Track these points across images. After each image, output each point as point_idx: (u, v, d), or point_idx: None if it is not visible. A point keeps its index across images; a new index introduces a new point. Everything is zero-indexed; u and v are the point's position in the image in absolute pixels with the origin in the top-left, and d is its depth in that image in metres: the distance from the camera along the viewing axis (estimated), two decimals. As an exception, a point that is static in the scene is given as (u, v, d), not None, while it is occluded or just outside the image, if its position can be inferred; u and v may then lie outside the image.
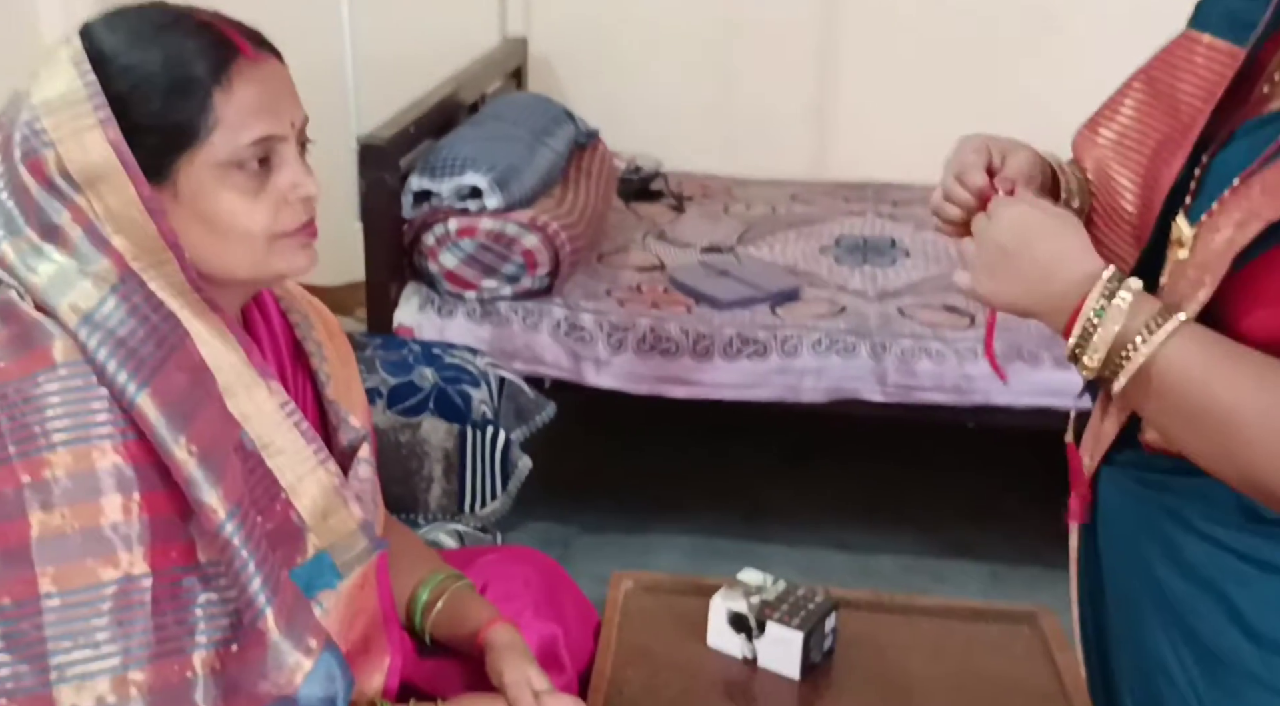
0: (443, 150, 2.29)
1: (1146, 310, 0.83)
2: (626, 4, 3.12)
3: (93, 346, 0.89)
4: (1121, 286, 0.84)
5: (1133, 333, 0.83)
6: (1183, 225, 0.88)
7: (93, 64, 0.92)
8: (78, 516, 0.87)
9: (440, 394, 1.67)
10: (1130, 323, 0.83)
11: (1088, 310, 0.84)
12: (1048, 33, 2.95)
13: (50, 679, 0.85)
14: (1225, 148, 0.89)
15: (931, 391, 2.17)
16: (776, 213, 2.88)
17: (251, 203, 0.96)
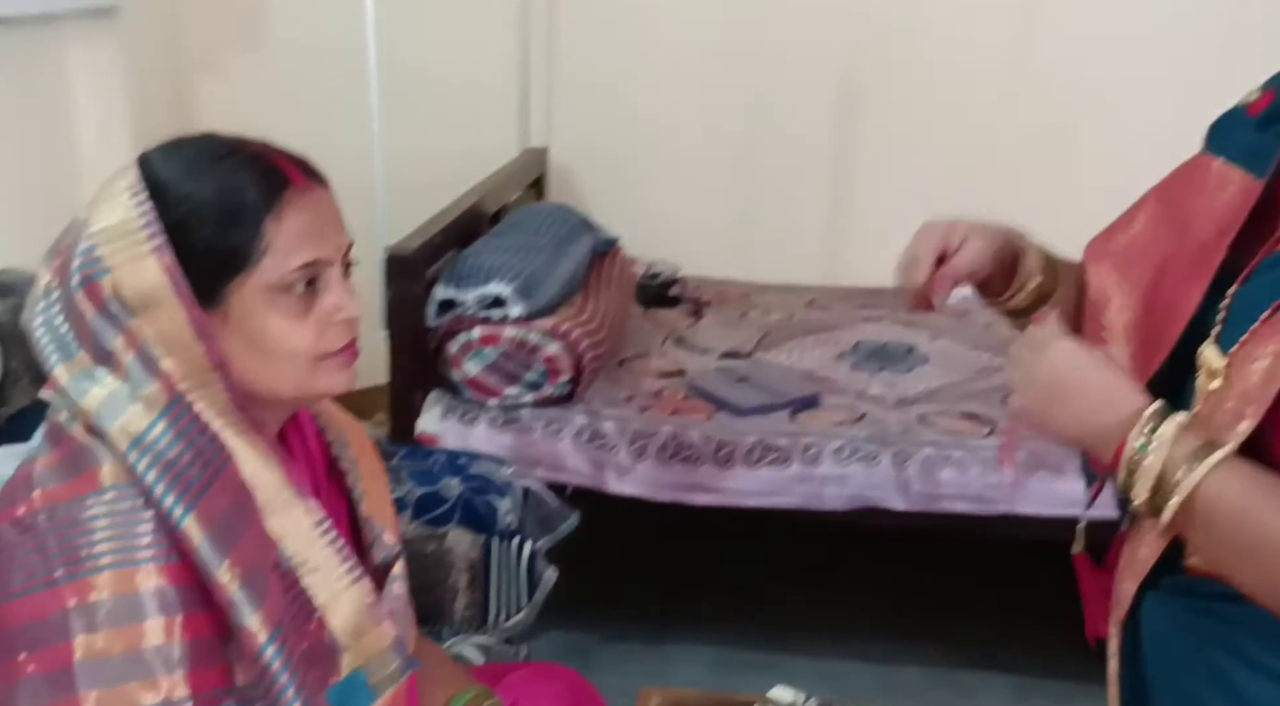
0: (468, 260, 2.34)
1: (1189, 444, 0.85)
2: (643, 115, 3.20)
3: (141, 469, 0.91)
4: (1165, 421, 0.86)
5: (1176, 466, 0.84)
6: (1214, 356, 0.90)
7: (150, 192, 0.96)
8: (121, 639, 0.88)
9: (466, 504, 1.68)
10: (1173, 456, 0.84)
11: (1132, 444, 0.86)
12: (1060, 148, 3.02)
13: (90, 806, 0.85)
14: (1250, 280, 0.90)
15: (955, 500, 2.16)
16: (794, 318, 2.91)
17: (298, 324, 0.99)
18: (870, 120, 3.15)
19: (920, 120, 3.11)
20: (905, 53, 3.07)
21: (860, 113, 3.15)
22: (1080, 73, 2.97)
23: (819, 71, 3.12)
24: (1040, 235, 1.34)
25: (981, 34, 3.03)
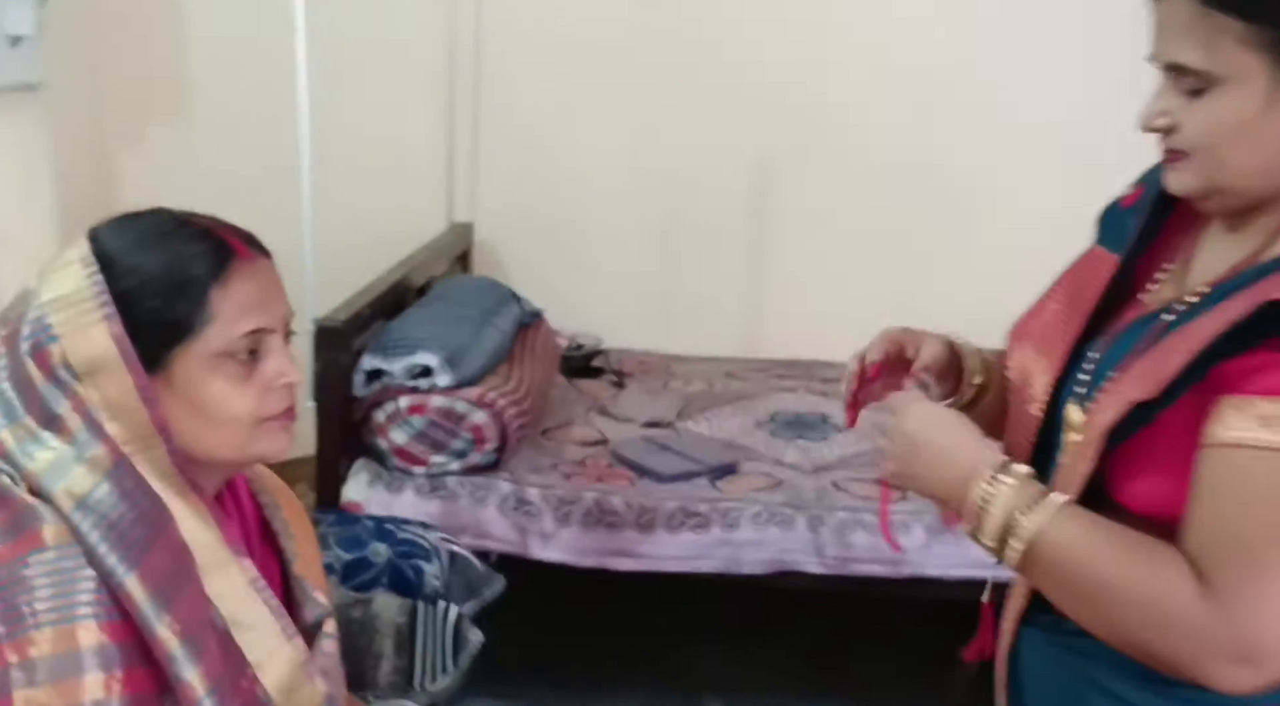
0: (395, 331, 2.39)
1: (1029, 493, 0.94)
2: (566, 194, 3.30)
3: (85, 529, 0.94)
4: (1008, 473, 0.95)
5: (1018, 514, 0.93)
6: (1074, 412, 1.00)
7: (100, 265, 1.00)
8: (61, 694, 0.90)
9: (394, 569, 1.71)
10: (1015, 504, 0.93)
11: (976, 495, 0.95)
12: (958, 234, 3.19)
13: None
14: (1111, 345, 1.02)
15: (868, 563, 2.25)
16: (713, 388, 3.01)
17: (240, 389, 1.03)
18: (783, 200, 3.30)
19: (831, 201, 3.27)
20: (816, 137, 3.23)
21: (774, 193, 3.30)
22: (976, 159, 3.16)
23: (735, 153, 3.27)
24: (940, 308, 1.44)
25: (887, 121, 3.21)
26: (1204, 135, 0.92)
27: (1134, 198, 1.08)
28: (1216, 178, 0.94)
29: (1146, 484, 0.93)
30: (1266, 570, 0.86)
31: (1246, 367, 0.87)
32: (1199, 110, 0.92)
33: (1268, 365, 0.86)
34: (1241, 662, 0.87)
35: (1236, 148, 0.91)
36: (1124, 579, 0.90)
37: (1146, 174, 1.09)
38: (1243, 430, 0.86)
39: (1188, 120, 0.93)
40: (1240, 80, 0.89)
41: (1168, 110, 0.94)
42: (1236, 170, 0.92)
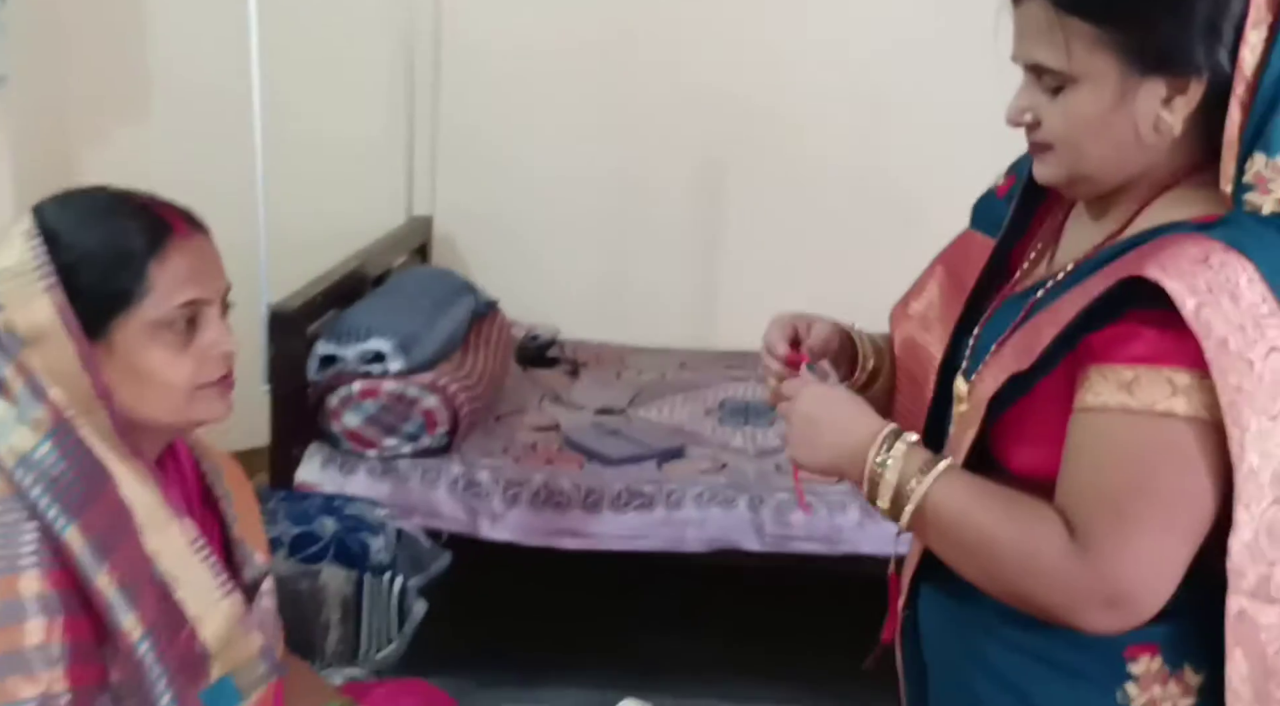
0: (349, 318, 2.45)
1: (918, 458, 1.02)
2: (523, 188, 3.36)
3: (28, 484, 1.00)
4: (898, 440, 1.02)
5: (908, 478, 1.01)
6: (960, 384, 1.08)
7: (44, 238, 1.07)
8: (3, 638, 0.96)
9: (340, 542, 1.77)
10: (906, 469, 1.01)
11: (870, 462, 1.02)
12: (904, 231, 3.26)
13: (-30, 790, 0.93)
14: (990, 321, 1.10)
15: (804, 541, 2.33)
16: (665, 378, 3.08)
17: (177, 357, 1.09)
18: (734, 195, 3.38)
19: (781, 196, 3.35)
20: (766, 135, 3.31)
21: (725, 188, 3.38)
22: (922, 158, 3.25)
23: (687, 151, 3.35)
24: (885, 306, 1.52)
25: (835, 121, 3.29)
26: (1065, 129, 1.00)
27: (1006, 187, 1.17)
28: (1078, 167, 1.01)
29: (1026, 448, 1.01)
30: (1128, 521, 0.93)
31: (1109, 338, 0.94)
32: (1059, 107, 1.00)
33: (1128, 335, 0.94)
34: (1108, 607, 0.95)
35: (1095, 140, 0.99)
36: (1003, 534, 0.97)
37: (1016, 164, 1.18)
38: (1107, 395, 0.94)
39: (1049, 116, 1.00)
40: (1094, 79, 0.97)
41: (1031, 106, 1.02)
42: (1096, 160, 1.00)
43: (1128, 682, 1.00)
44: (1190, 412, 0.92)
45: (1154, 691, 1.00)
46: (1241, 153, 0.96)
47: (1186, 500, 0.93)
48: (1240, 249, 0.93)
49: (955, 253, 1.22)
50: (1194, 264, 0.92)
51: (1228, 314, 0.90)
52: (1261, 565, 0.93)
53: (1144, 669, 0.99)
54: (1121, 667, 1.00)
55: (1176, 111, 0.97)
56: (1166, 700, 1.00)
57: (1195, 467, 0.92)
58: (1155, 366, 0.92)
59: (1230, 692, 0.96)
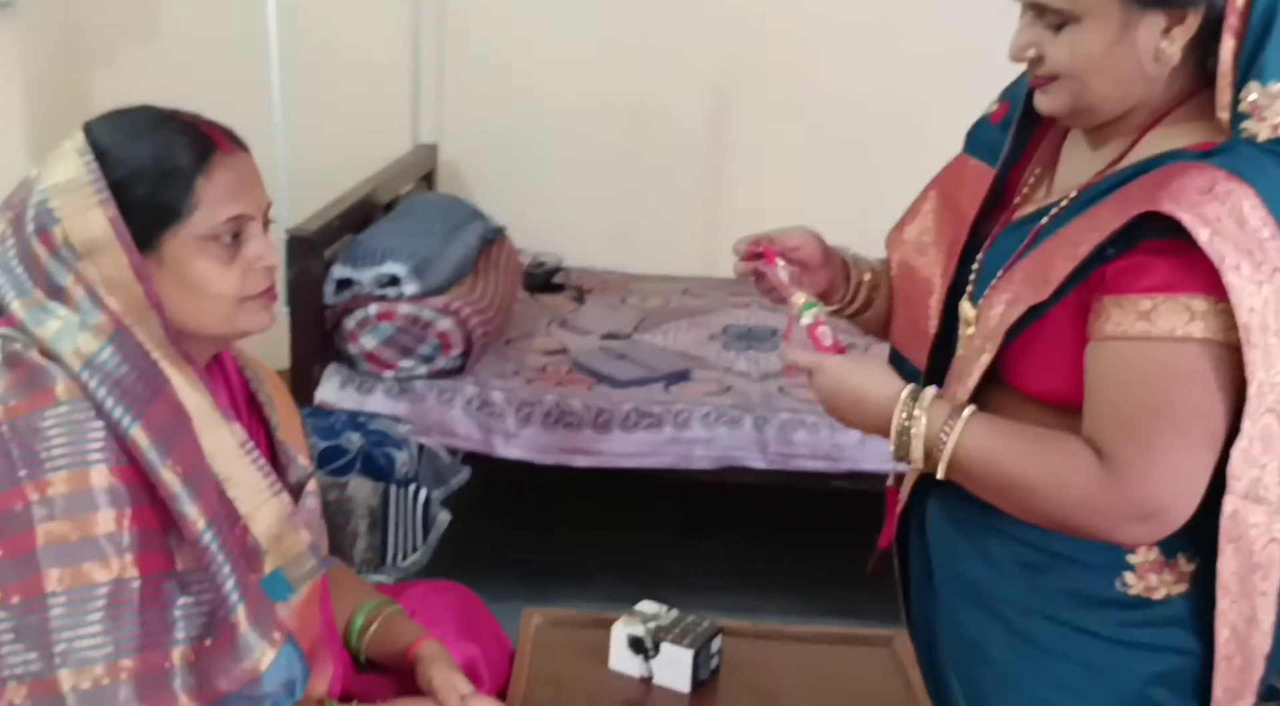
0: (364, 242, 2.50)
1: (942, 412, 1.07)
2: (529, 115, 3.39)
3: (93, 386, 1.06)
4: (919, 397, 1.08)
5: (936, 431, 1.07)
6: (967, 308, 1.15)
7: (95, 154, 1.12)
8: (77, 527, 1.03)
9: (367, 456, 1.85)
10: (931, 425, 1.07)
11: (897, 421, 1.08)
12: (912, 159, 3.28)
13: (55, 663, 1.00)
14: (993, 246, 1.16)
15: (807, 459, 2.41)
16: (670, 304, 3.14)
17: (224, 269, 1.15)
18: (742, 123, 3.40)
19: (788, 123, 3.37)
20: (774, 60, 3.34)
21: (732, 116, 3.40)
22: (934, 82, 3.27)
23: (694, 78, 3.37)
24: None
25: (843, 43, 3.31)
26: (1069, 64, 1.05)
27: (1001, 114, 1.22)
28: (1082, 98, 1.07)
29: (1037, 371, 1.08)
30: (1153, 442, 1.00)
31: (1124, 268, 1.00)
32: (1062, 42, 1.04)
33: (1143, 266, 0.99)
34: (1141, 520, 1.02)
35: (1098, 73, 1.04)
36: (1035, 471, 1.04)
37: (1008, 90, 1.23)
38: (1127, 324, 1.00)
39: (1053, 51, 1.05)
40: (1096, 15, 1.02)
41: (1034, 42, 1.07)
42: (1098, 92, 1.05)
43: (1126, 571, 1.08)
44: (1207, 335, 0.98)
45: (1150, 579, 1.08)
46: (1236, 81, 1.01)
47: (1205, 418, 1.00)
48: (1242, 176, 0.98)
49: (949, 177, 1.28)
50: (1200, 194, 0.97)
51: (1237, 240, 0.96)
52: (1254, 468, 1.00)
53: (1141, 558, 1.08)
54: (1121, 557, 1.08)
55: (1175, 41, 1.02)
56: (1161, 587, 1.08)
57: (1212, 387, 0.99)
58: (1172, 294, 0.98)
59: (1220, 586, 1.04)
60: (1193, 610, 1.07)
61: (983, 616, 1.16)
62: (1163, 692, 1.09)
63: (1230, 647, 1.06)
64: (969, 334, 1.14)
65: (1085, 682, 1.10)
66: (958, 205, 1.24)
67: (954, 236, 1.22)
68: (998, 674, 1.15)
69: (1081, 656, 1.10)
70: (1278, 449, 1.00)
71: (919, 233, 1.30)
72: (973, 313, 1.13)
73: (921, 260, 1.28)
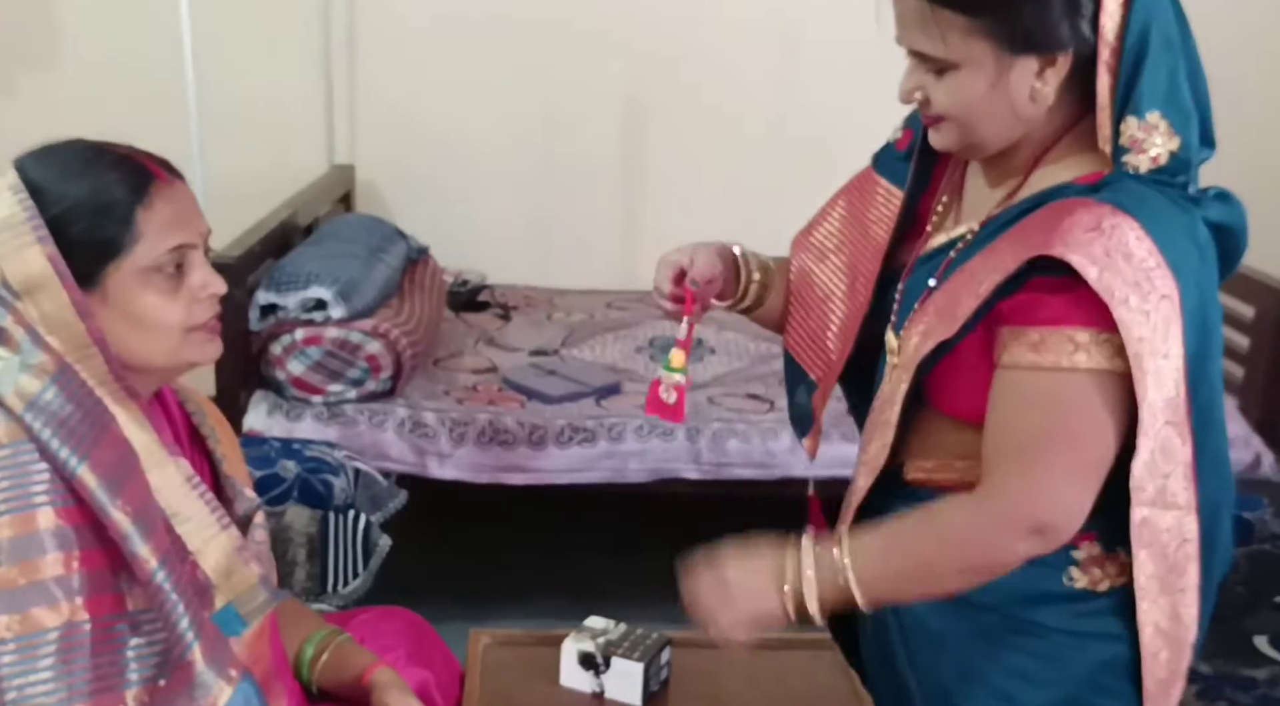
0: (288, 266, 2.47)
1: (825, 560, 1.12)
2: (443, 134, 3.37)
3: (37, 427, 1.04)
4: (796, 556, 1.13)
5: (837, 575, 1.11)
6: (891, 338, 1.21)
7: (30, 191, 1.09)
8: (25, 572, 1.01)
9: (303, 483, 1.83)
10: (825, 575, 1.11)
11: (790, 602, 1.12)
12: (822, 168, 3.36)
13: (6, 711, 0.98)
14: (910, 275, 1.22)
15: (740, 467, 2.45)
16: (594, 318, 3.16)
17: (169, 300, 1.14)
18: (655, 137, 3.45)
19: (700, 137, 3.43)
20: (684, 76, 3.39)
21: (645, 131, 3.44)
22: (839, 92, 3.36)
23: (606, 93, 3.40)
24: None
25: (750, 58, 3.38)
26: (952, 106, 1.11)
27: (905, 142, 1.28)
28: (968, 137, 1.13)
29: (957, 396, 1.15)
30: (1036, 461, 1.07)
31: (1018, 305, 1.07)
32: (944, 87, 1.10)
33: (1035, 302, 1.06)
34: (1030, 534, 1.08)
35: (980, 114, 1.10)
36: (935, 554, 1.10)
37: (910, 117, 1.29)
38: (1018, 355, 1.07)
39: (937, 94, 1.11)
40: (972, 63, 1.08)
41: (919, 86, 1.13)
42: (982, 130, 1.12)
43: (1071, 566, 1.15)
44: (1091, 365, 1.05)
45: (1094, 572, 1.15)
46: (1115, 115, 1.07)
47: (1090, 441, 1.06)
48: (1126, 210, 1.04)
49: (857, 189, 1.33)
50: (1089, 232, 1.03)
51: (1124, 274, 1.02)
52: (1158, 477, 1.07)
53: (1085, 554, 1.14)
54: (1066, 552, 1.14)
55: (1049, 82, 1.08)
56: (1105, 578, 1.15)
57: (1098, 412, 1.05)
58: (1059, 327, 1.05)
59: (1139, 589, 1.11)
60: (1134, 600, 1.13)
61: (942, 612, 1.20)
62: (1111, 678, 1.15)
63: (1156, 644, 1.13)
64: (895, 362, 1.19)
65: (1041, 671, 1.16)
66: (865, 222, 1.29)
67: (867, 264, 1.27)
68: (956, 664, 1.20)
69: (1036, 648, 1.16)
70: (1179, 456, 1.07)
71: (823, 237, 1.35)
72: (895, 343, 1.19)
73: (820, 268, 1.33)
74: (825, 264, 1.31)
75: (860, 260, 1.28)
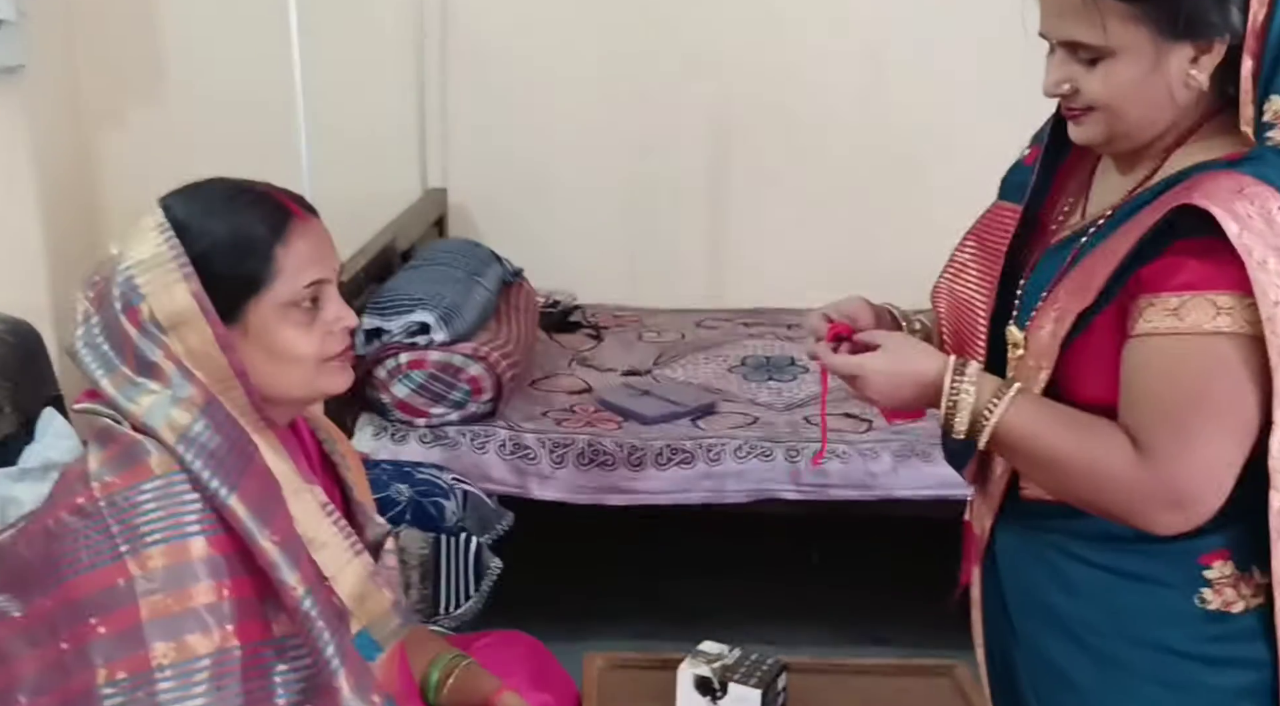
0: (390, 291, 2.52)
1: (991, 385, 1.12)
2: (533, 159, 3.42)
3: (189, 458, 1.08)
4: (964, 373, 1.13)
5: (984, 403, 1.11)
6: (1015, 331, 1.18)
7: (174, 230, 1.13)
8: (178, 600, 1.05)
9: (416, 506, 1.86)
10: (980, 396, 1.12)
11: (947, 392, 1.13)
12: (909, 187, 3.36)
13: (163, 738, 1.01)
14: (1034, 271, 1.20)
15: (840, 488, 2.43)
16: (685, 338, 3.17)
17: (305, 333, 1.17)
18: (741, 158, 3.45)
19: (786, 158, 3.43)
20: (769, 97, 3.39)
21: (731, 151, 3.45)
22: (925, 112, 3.33)
23: (692, 114, 3.41)
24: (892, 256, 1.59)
25: (837, 79, 3.37)
26: (1105, 96, 1.10)
27: (1033, 156, 1.26)
28: (1115, 127, 1.11)
29: (1093, 380, 1.11)
30: (1185, 430, 1.04)
31: (1158, 270, 1.05)
32: (1097, 76, 1.09)
33: (1174, 265, 1.04)
34: (1171, 508, 1.06)
35: (1133, 103, 1.09)
36: (1073, 450, 1.09)
37: (1038, 134, 1.27)
38: (1157, 321, 1.05)
39: (1087, 85, 1.10)
40: (1130, 49, 1.07)
41: (1068, 78, 1.11)
42: (1131, 120, 1.10)
43: (1203, 587, 1.11)
44: (1233, 329, 1.02)
45: (1227, 593, 1.11)
46: (1258, 96, 1.06)
47: (1236, 408, 1.04)
48: (1268, 181, 1.03)
49: (986, 225, 1.32)
50: (1231, 194, 1.02)
51: (1265, 237, 1.01)
52: None
53: (1218, 573, 1.11)
54: (1197, 573, 1.11)
55: (1203, 69, 1.07)
56: (1239, 600, 1.11)
57: (1241, 377, 1.03)
58: (1199, 292, 1.03)
59: (1277, 582, 1.07)
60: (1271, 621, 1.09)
61: (1064, 642, 1.18)
62: None
63: None
64: (1019, 356, 1.17)
65: (1172, 702, 1.13)
66: (994, 247, 1.28)
67: (989, 266, 1.26)
68: (1083, 699, 1.17)
69: (1166, 676, 1.13)
70: None
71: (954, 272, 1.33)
72: (1020, 335, 1.17)
73: (963, 285, 1.31)
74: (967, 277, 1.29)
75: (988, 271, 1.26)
